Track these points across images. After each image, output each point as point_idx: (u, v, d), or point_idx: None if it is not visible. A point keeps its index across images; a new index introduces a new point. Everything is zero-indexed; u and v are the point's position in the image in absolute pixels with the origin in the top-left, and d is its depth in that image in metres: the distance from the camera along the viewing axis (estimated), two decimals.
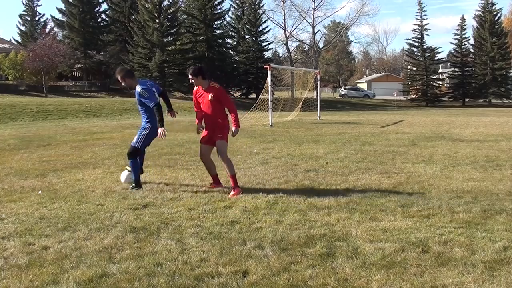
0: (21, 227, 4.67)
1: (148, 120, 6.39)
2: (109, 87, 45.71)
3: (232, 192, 5.97)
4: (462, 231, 4.34)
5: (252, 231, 4.44)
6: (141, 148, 6.44)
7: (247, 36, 49.39)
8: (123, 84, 6.74)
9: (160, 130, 6.04)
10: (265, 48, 50.59)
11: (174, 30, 43.76)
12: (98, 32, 47.32)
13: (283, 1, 54.43)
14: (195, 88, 6.28)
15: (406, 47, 58.88)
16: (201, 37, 44.96)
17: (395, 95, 45.51)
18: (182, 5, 46.53)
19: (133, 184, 6.36)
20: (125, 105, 32.52)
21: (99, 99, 38.05)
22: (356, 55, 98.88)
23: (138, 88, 6.34)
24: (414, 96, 53.92)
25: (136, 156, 6.37)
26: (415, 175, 7.19)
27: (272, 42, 72.39)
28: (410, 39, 54.27)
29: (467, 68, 52.89)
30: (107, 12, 49.21)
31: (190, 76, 6.11)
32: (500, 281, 3.29)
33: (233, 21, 50.15)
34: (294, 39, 59.36)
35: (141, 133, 6.39)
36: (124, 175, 6.68)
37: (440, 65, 63.47)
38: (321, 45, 67.19)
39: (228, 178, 6.19)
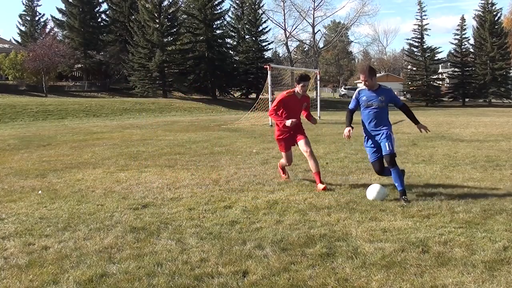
0: (21, 227, 4.68)
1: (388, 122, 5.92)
2: (109, 87, 45.73)
3: (322, 186, 6.16)
4: (462, 231, 4.34)
5: (252, 231, 4.44)
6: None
7: (247, 36, 49.38)
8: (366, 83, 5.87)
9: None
10: (265, 48, 50.59)
11: (174, 30, 43.74)
12: (98, 32, 47.32)
13: (283, 1, 54.62)
14: (285, 94, 6.60)
15: (406, 47, 58.88)
16: (201, 37, 44.94)
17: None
18: (182, 5, 46.52)
19: (404, 197, 5.49)
20: (125, 105, 32.54)
21: (99, 99, 38.05)
22: (356, 55, 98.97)
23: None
24: (414, 96, 53.88)
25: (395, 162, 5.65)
26: (415, 175, 7.19)
27: (272, 42, 72.49)
28: (410, 39, 54.28)
29: (467, 68, 52.86)
30: (107, 12, 49.23)
31: (302, 84, 6.47)
32: (500, 281, 3.29)
33: (233, 21, 50.13)
34: (294, 39, 59.56)
35: (392, 135, 5.79)
36: (374, 190, 5.52)
37: (440, 65, 63.46)
38: (321, 45, 67.25)
39: (313, 175, 6.43)
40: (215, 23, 46.25)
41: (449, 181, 6.71)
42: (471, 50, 53.33)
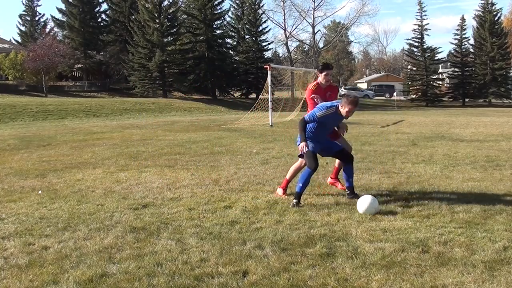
0: (21, 227, 4.68)
1: None
2: (109, 87, 45.72)
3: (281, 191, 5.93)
4: (462, 231, 4.34)
5: (252, 231, 4.44)
6: None
7: (247, 36, 49.37)
8: None
9: None
10: (265, 48, 50.58)
11: (174, 30, 43.74)
12: (98, 32, 47.31)
13: (283, 1, 54.50)
14: (312, 88, 6.07)
15: (406, 47, 58.87)
16: (201, 37, 44.94)
17: (395, 95, 45.48)
18: (182, 5, 46.50)
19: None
20: (125, 105, 32.53)
21: (99, 99, 38.05)
22: (356, 55, 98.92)
23: None
24: (414, 96, 53.91)
25: None
26: (415, 175, 7.18)
27: (272, 42, 72.36)
28: (410, 39, 54.25)
29: (467, 68, 52.84)
30: (107, 12, 49.21)
31: (325, 73, 5.98)
32: (500, 281, 3.29)
33: (233, 21, 50.12)
34: (294, 39, 59.43)
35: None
36: (365, 202, 5.06)
37: (440, 65, 63.43)
38: (321, 45, 67.22)
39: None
40: (215, 23, 46.24)
41: (449, 181, 6.71)
42: (471, 50, 53.31)
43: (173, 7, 43.59)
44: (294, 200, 5.37)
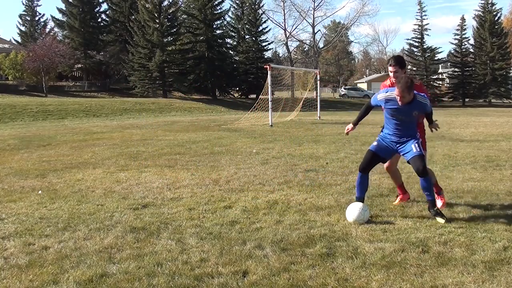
0: (21, 227, 4.68)
1: None
2: (109, 87, 45.71)
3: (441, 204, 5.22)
4: (462, 231, 4.34)
5: (252, 231, 4.44)
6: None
7: (247, 36, 49.36)
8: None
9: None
10: (265, 48, 50.58)
11: (174, 30, 43.72)
12: (98, 32, 47.29)
13: (283, 1, 54.52)
14: (387, 84, 5.19)
15: (406, 47, 58.83)
16: (201, 37, 44.93)
17: None
18: (182, 5, 46.49)
19: (436, 211, 4.80)
20: (125, 105, 32.53)
21: (99, 99, 38.04)
22: (356, 55, 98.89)
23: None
24: None
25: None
26: (415, 175, 7.15)
27: (272, 42, 72.46)
28: (410, 39, 54.30)
29: (467, 68, 52.85)
30: (107, 12, 49.17)
31: (389, 69, 5.04)
32: (500, 281, 3.29)
33: (233, 21, 50.11)
34: (294, 39, 59.42)
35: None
36: (354, 210, 4.72)
37: (440, 65, 63.44)
38: (321, 45, 67.20)
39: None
40: (215, 23, 46.23)
41: (449, 181, 6.71)
42: (471, 50, 53.33)
43: (173, 7, 43.56)
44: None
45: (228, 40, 49.75)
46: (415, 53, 54.52)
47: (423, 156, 4.88)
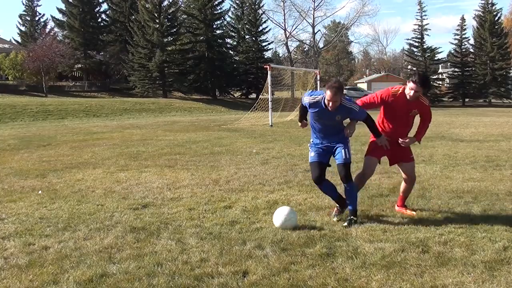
0: (21, 227, 4.68)
1: None
2: (109, 87, 45.69)
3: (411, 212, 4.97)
4: (462, 231, 4.34)
5: (252, 231, 4.44)
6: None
7: (247, 36, 49.34)
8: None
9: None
10: (265, 48, 50.54)
11: (174, 30, 43.70)
12: (98, 32, 47.26)
13: (283, 1, 54.44)
14: (391, 91, 4.85)
15: (406, 47, 58.79)
16: (201, 37, 44.92)
17: None
18: (182, 5, 46.47)
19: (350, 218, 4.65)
20: (125, 105, 32.52)
21: (99, 99, 38.03)
22: (356, 55, 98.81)
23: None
24: None
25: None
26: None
27: (272, 42, 72.33)
28: (410, 39, 54.17)
29: (467, 68, 52.80)
30: (107, 12, 49.14)
31: (410, 86, 4.63)
32: (500, 281, 3.29)
33: (233, 21, 50.08)
34: (294, 39, 59.36)
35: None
36: (281, 215, 4.53)
37: (440, 65, 63.40)
38: (321, 45, 67.19)
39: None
40: (215, 23, 46.22)
41: (449, 181, 6.71)
42: (471, 50, 53.27)
43: (173, 7, 43.55)
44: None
45: (228, 40, 49.76)
46: (415, 53, 54.48)
47: (349, 164, 4.73)
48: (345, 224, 4.57)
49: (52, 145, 11.98)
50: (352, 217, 4.65)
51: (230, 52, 49.38)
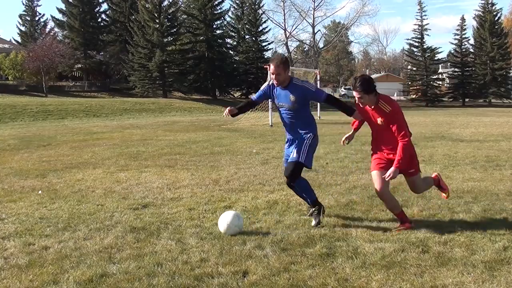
0: (21, 227, 4.68)
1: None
2: (109, 87, 45.71)
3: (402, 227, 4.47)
4: (462, 231, 4.33)
5: (252, 231, 4.44)
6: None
7: (247, 36, 49.38)
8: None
9: None
10: (265, 48, 50.59)
11: (174, 30, 43.73)
12: (98, 32, 47.29)
13: (283, 1, 54.57)
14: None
15: (406, 47, 58.85)
16: (201, 37, 44.96)
17: (395, 95, 45.48)
18: (182, 5, 46.51)
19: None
20: (125, 105, 32.52)
21: (99, 99, 38.03)
22: (356, 55, 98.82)
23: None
24: (414, 96, 53.91)
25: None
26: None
27: (272, 42, 72.14)
28: (410, 39, 54.24)
29: (467, 68, 52.85)
30: (107, 12, 49.19)
31: (356, 93, 4.40)
32: (500, 281, 3.29)
33: (233, 21, 50.12)
34: (294, 39, 59.50)
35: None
36: (225, 220, 4.37)
37: (440, 65, 63.42)
38: (321, 45, 67.24)
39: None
40: (215, 23, 46.27)
41: (449, 181, 6.70)
42: (471, 50, 53.33)
43: (173, 7, 43.59)
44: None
45: (228, 40, 49.81)
46: (415, 53, 54.50)
47: (298, 164, 4.53)
48: (313, 223, 4.55)
49: (52, 145, 11.98)
50: (313, 209, 4.59)
51: (230, 52, 49.43)
